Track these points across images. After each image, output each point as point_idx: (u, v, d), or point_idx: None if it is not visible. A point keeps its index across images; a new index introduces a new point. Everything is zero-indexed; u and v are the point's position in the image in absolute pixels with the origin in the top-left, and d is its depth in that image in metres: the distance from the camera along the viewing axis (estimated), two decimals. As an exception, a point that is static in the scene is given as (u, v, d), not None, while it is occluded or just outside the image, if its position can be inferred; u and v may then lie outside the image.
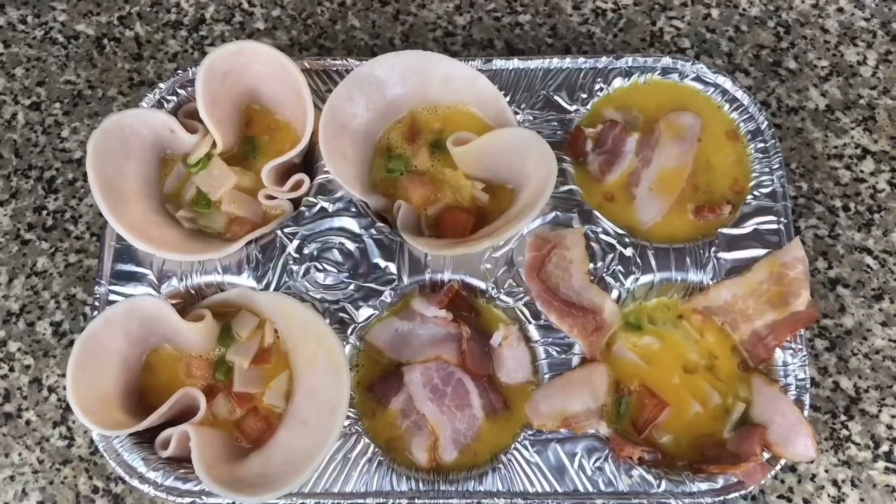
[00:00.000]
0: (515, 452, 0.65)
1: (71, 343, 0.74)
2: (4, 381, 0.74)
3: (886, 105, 0.81)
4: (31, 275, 0.77)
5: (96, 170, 0.67)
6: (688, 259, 0.69)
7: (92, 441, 0.72)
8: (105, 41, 0.86)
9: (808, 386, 0.66)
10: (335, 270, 0.69)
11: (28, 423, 0.72)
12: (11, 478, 0.71)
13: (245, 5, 0.87)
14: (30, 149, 0.82)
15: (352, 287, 0.69)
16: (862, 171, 0.79)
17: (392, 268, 0.69)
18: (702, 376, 0.68)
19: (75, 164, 0.81)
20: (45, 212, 0.79)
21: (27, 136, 0.82)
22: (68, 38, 0.86)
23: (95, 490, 0.70)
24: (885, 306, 0.74)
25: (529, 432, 0.65)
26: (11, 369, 0.74)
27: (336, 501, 0.64)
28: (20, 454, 0.71)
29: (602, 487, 0.64)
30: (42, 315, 0.76)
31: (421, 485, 0.64)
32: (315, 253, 0.70)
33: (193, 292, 0.70)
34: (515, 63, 0.75)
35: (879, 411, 0.71)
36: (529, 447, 0.65)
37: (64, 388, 0.73)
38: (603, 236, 0.70)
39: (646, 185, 0.72)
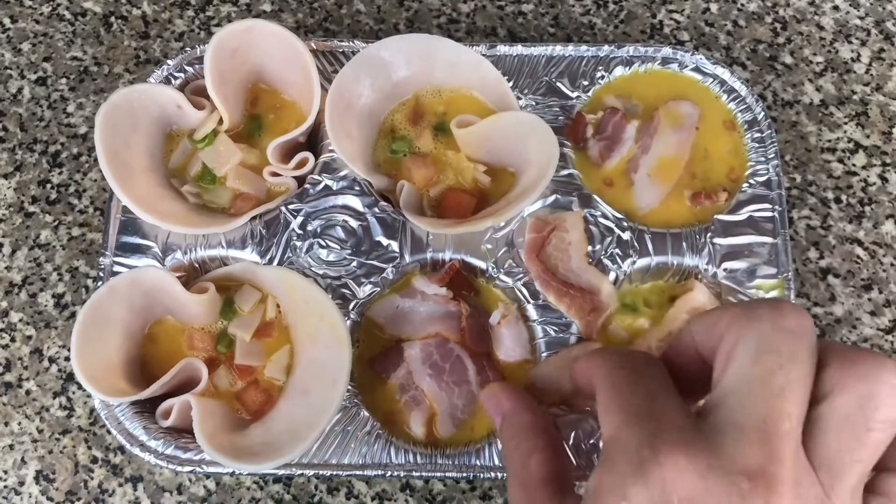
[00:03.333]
0: (512, 428, 0.66)
1: (72, 315, 0.75)
2: (5, 351, 0.74)
3: (879, 101, 0.83)
4: (34, 247, 0.77)
5: (104, 142, 0.67)
6: (684, 244, 0.70)
7: (91, 412, 0.72)
8: (112, 19, 0.87)
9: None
10: (338, 247, 0.70)
11: (28, 392, 0.73)
12: (11, 447, 0.71)
13: (252, -12, 0.88)
14: (35, 123, 0.82)
15: (354, 264, 0.70)
16: (854, 165, 0.80)
17: (394, 246, 0.70)
18: (695, 358, 0.69)
19: (80, 139, 0.81)
20: (49, 185, 0.80)
21: (33, 110, 0.82)
22: (75, 15, 0.87)
23: (94, 460, 0.71)
24: (874, 296, 0.76)
25: (526, 409, 0.66)
26: (13, 339, 0.74)
27: (335, 472, 0.65)
28: (20, 423, 0.72)
29: (596, 464, 0.64)
30: (44, 287, 0.76)
31: (418, 458, 0.65)
32: (318, 229, 0.71)
33: (197, 266, 0.71)
34: (519, 49, 0.76)
35: (867, 397, 0.72)
36: (526, 423, 0.66)
37: (65, 360, 0.74)
38: (602, 220, 0.71)
39: (644, 171, 0.73)
